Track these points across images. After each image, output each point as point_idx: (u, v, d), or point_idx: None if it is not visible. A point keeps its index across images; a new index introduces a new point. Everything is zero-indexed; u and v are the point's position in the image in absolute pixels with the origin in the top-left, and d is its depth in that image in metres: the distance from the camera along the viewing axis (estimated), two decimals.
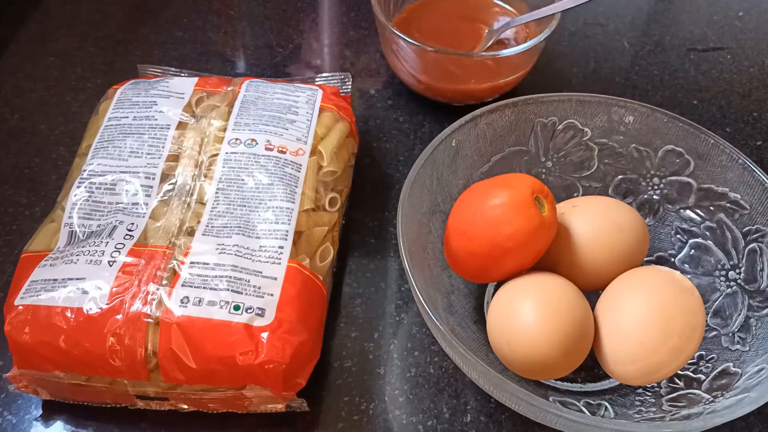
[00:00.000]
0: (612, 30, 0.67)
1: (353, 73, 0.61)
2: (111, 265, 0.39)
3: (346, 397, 0.42)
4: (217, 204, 0.43)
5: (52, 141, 0.55)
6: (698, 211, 0.45)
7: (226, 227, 0.42)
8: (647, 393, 0.41)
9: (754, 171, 0.42)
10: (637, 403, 0.40)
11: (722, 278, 0.44)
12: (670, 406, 0.39)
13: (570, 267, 0.41)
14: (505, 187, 0.38)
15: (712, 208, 0.44)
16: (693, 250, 0.46)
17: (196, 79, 0.50)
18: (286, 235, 0.42)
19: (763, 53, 0.66)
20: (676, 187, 0.46)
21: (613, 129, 0.46)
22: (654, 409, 0.39)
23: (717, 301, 0.43)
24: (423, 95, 0.58)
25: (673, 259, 0.46)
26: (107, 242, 0.41)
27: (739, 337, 0.41)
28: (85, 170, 0.44)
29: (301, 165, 0.45)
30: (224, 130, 0.46)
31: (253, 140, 0.46)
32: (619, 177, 0.47)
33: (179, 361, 0.37)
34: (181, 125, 0.47)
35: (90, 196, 0.43)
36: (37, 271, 0.40)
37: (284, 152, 0.45)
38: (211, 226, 0.42)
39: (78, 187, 0.44)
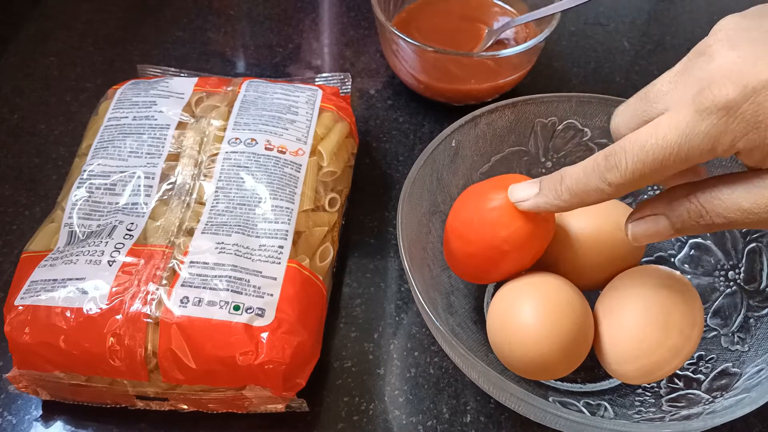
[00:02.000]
0: (612, 30, 0.67)
1: (353, 73, 0.61)
2: (111, 265, 0.39)
3: (346, 397, 0.42)
4: (217, 203, 0.43)
5: (52, 141, 0.55)
6: None
7: (225, 225, 0.42)
8: (647, 393, 0.41)
9: None
10: (637, 403, 0.40)
11: (722, 278, 0.44)
12: (669, 406, 0.39)
13: (569, 266, 0.41)
14: (502, 189, 0.38)
15: None
16: (693, 250, 0.46)
17: (195, 79, 0.50)
18: (286, 235, 0.42)
19: None
20: None
21: None
22: (654, 410, 0.39)
23: (717, 301, 0.43)
24: (423, 95, 0.58)
25: (672, 259, 0.46)
26: (107, 242, 0.41)
27: (739, 337, 0.41)
28: (85, 170, 0.44)
29: (300, 165, 0.45)
30: (224, 129, 0.46)
31: (252, 140, 0.46)
32: None
33: (179, 362, 0.37)
34: (181, 125, 0.47)
35: (90, 196, 0.43)
36: (37, 271, 0.40)
37: (284, 152, 0.45)
38: (211, 225, 0.42)
39: (78, 187, 0.44)
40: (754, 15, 0.31)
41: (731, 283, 0.43)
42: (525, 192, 0.37)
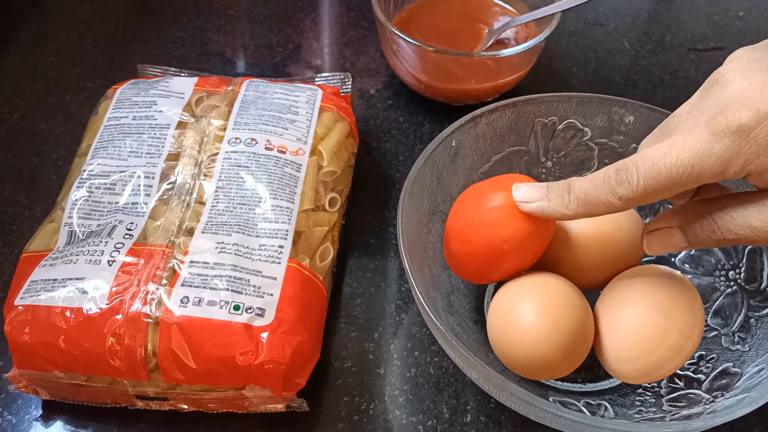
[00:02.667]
0: (612, 30, 0.67)
1: (353, 73, 0.61)
2: (110, 265, 0.39)
3: (346, 397, 0.42)
4: (217, 203, 0.43)
5: (52, 141, 0.55)
6: None
7: (225, 225, 0.42)
8: (647, 393, 0.41)
9: None
10: (637, 403, 0.40)
11: (722, 278, 0.44)
12: (670, 406, 0.39)
13: (569, 266, 0.41)
14: (502, 189, 0.38)
15: None
16: (693, 250, 0.46)
17: (196, 78, 0.50)
18: (286, 235, 0.42)
19: None
20: None
21: (613, 129, 0.46)
22: (654, 409, 0.39)
23: (717, 301, 0.43)
24: (423, 95, 0.58)
25: (673, 259, 0.46)
26: (107, 242, 0.41)
27: (739, 337, 0.41)
28: (84, 170, 0.44)
29: (301, 165, 0.45)
30: (224, 129, 0.46)
31: (252, 140, 0.46)
32: None
33: (179, 361, 0.37)
34: (181, 125, 0.47)
35: (90, 196, 0.43)
36: (37, 271, 0.40)
37: (284, 152, 0.45)
38: (211, 224, 0.42)
39: (78, 187, 0.44)
40: (764, 48, 0.33)
41: (732, 283, 0.43)
42: (530, 193, 0.37)
